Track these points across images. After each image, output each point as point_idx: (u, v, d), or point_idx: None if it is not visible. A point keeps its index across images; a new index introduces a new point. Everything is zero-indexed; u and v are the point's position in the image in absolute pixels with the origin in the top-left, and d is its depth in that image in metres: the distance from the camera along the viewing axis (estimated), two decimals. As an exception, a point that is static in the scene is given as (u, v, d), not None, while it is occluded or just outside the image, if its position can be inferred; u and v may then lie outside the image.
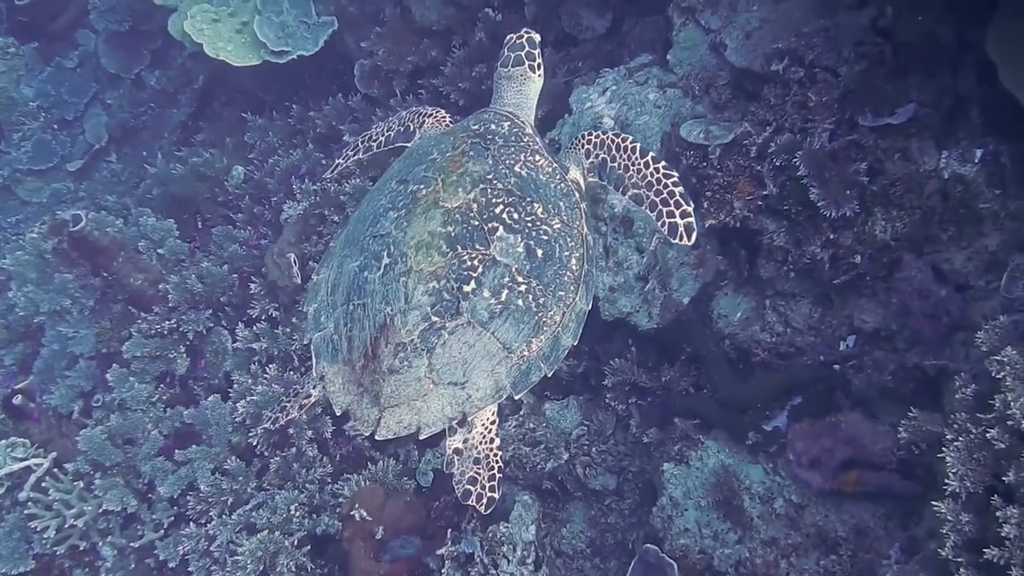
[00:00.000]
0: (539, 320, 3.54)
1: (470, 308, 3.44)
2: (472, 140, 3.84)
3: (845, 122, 5.07)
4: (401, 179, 3.83)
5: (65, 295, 7.28)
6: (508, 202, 3.62)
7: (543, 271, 3.57)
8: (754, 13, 5.55)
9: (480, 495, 3.60)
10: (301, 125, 8.10)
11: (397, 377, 3.44)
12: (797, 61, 5.23)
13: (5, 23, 11.04)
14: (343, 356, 3.61)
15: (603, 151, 3.98)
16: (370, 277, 3.57)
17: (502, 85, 4.29)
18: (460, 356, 3.45)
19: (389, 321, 3.44)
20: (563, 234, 3.68)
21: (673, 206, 3.76)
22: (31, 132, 10.32)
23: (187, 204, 8.00)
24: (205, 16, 7.97)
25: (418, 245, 3.51)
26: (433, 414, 3.47)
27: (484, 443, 3.65)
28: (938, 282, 4.92)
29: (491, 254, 3.50)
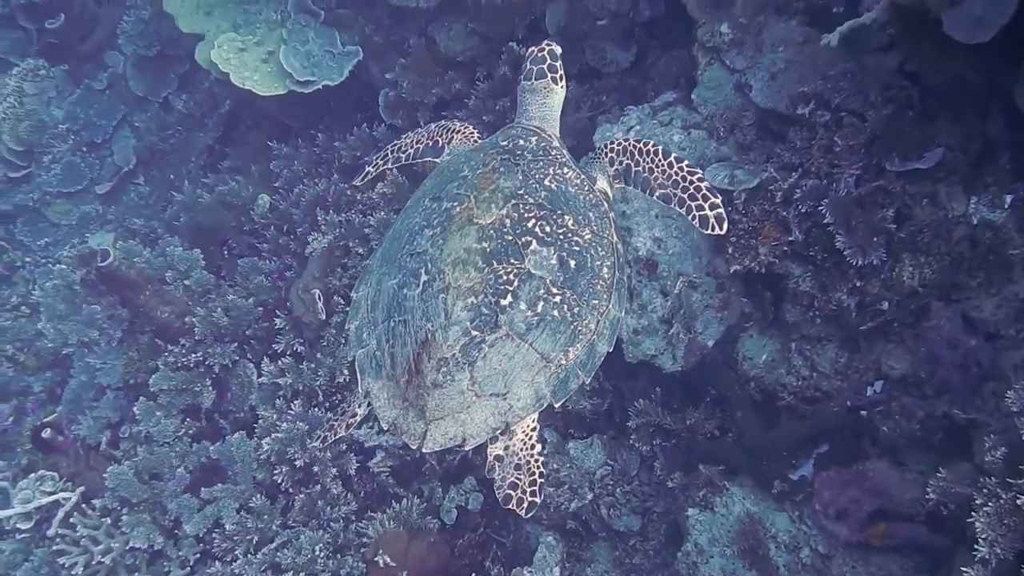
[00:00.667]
0: (575, 329, 3.62)
1: (508, 321, 3.51)
2: (502, 156, 3.92)
3: (872, 167, 5.03)
4: (434, 197, 3.91)
5: (93, 326, 7.34)
6: (540, 216, 3.69)
7: (576, 281, 3.65)
8: (780, 54, 5.50)
9: (521, 500, 3.64)
10: (326, 154, 8.10)
11: (441, 391, 3.51)
12: (823, 105, 5.18)
13: (36, 45, 11.14)
14: (387, 372, 3.67)
15: (626, 157, 4.10)
16: (409, 294, 3.64)
17: (526, 99, 4.35)
18: (500, 368, 3.52)
19: (431, 337, 3.51)
20: (594, 244, 3.75)
21: (701, 199, 3.88)
22: (61, 155, 10.40)
23: (213, 233, 8.03)
24: (232, 46, 8.00)
25: (455, 262, 3.58)
26: (477, 425, 3.55)
27: (525, 449, 3.71)
28: (967, 331, 4.87)
29: (526, 267, 3.57)
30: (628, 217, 5.56)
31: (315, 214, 7.49)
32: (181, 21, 8.57)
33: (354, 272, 6.91)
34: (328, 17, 8.01)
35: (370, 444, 6.36)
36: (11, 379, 8.44)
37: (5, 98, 10.52)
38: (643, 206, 5.56)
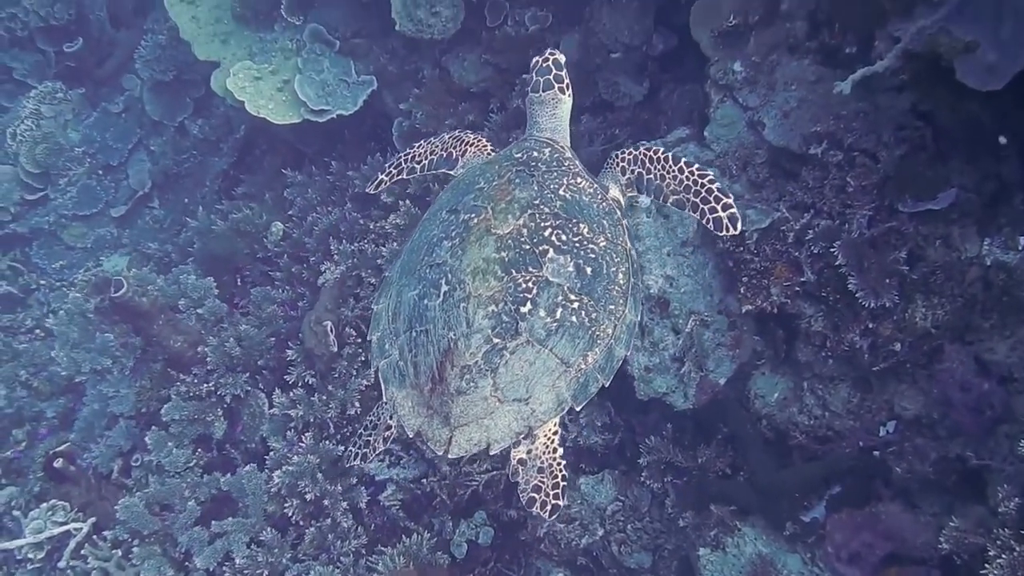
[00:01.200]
0: (593, 334, 3.69)
1: (528, 328, 3.58)
2: (517, 168, 4.01)
3: (885, 208, 5.01)
4: (451, 209, 3.99)
5: (106, 355, 7.38)
6: (556, 225, 3.77)
7: (593, 287, 3.72)
8: (792, 93, 5.49)
9: (544, 502, 3.74)
10: (340, 182, 8.13)
11: (465, 398, 3.57)
12: (836, 144, 5.17)
13: (53, 68, 11.23)
14: (410, 381, 3.75)
15: (637, 166, 4.21)
16: (430, 304, 3.71)
17: (535, 111, 4.45)
18: (522, 374, 3.59)
19: (453, 345, 3.58)
20: (609, 251, 3.83)
21: (713, 201, 3.96)
22: (77, 177, 10.48)
23: (227, 261, 8.06)
24: (247, 74, 8.04)
25: (475, 272, 3.66)
26: (501, 430, 3.61)
27: (547, 453, 3.81)
28: (980, 374, 4.84)
29: (544, 275, 3.65)
30: (640, 255, 5.55)
31: (328, 243, 7.50)
32: (197, 48, 8.63)
33: (366, 303, 6.92)
34: (343, 47, 8.04)
35: (381, 477, 6.37)
36: (24, 404, 8.49)
37: (23, 120, 10.62)
38: (655, 244, 5.56)
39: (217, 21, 8.71)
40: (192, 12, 8.81)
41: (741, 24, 5.66)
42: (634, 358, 5.58)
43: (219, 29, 8.66)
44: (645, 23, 6.69)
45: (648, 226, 5.59)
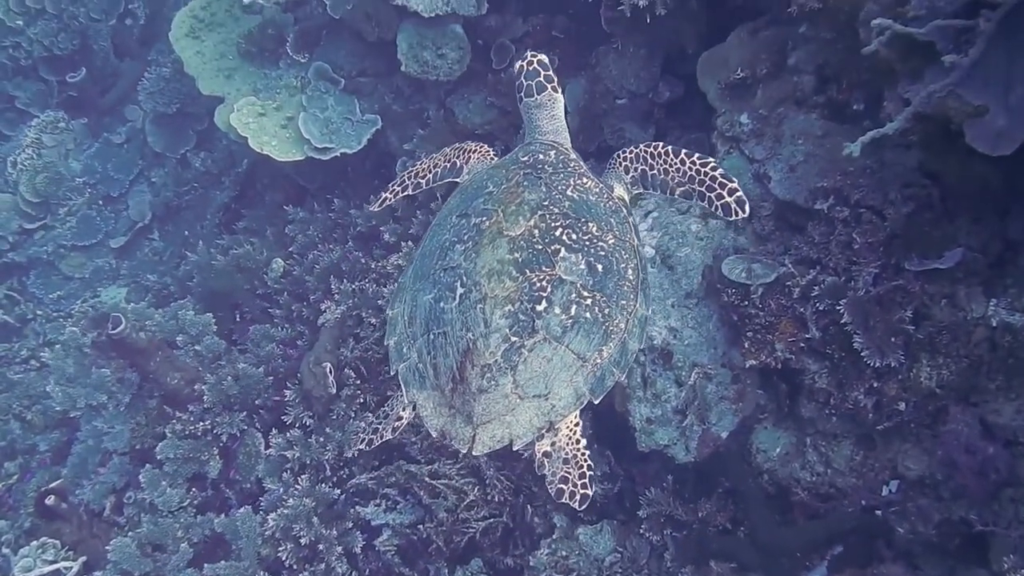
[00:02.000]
0: (607, 329, 3.80)
1: (544, 325, 3.69)
2: (524, 171, 4.14)
3: (891, 265, 4.98)
4: (461, 213, 4.11)
5: (102, 390, 7.32)
6: (565, 224, 3.90)
7: (605, 284, 3.84)
8: (799, 146, 5.49)
9: (573, 492, 3.77)
10: (342, 219, 8.10)
11: (486, 396, 3.68)
12: (842, 200, 5.15)
13: (56, 97, 11.25)
14: (431, 382, 3.85)
15: (640, 163, 4.34)
16: (447, 307, 3.82)
17: (534, 115, 4.55)
18: (541, 370, 3.70)
19: (472, 346, 3.69)
20: (618, 248, 3.96)
21: (719, 187, 4.10)
22: (77, 208, 10.46)
23: (226, 297, 8.02)
24: (252, 110, 8.04)
25: (489, 273, 3.78)
26: (522, 426, 3.72)
27: (571, 444, 3.85)
28: (985, 437, 4.79)
29: (557, 274, 3.77)
30: (643, 305, 5.52)
31: (329, 282, 7.46)
32: (202, 83, 8.64)
33: (366, 344, 6.88)
34: (348, 85, 8.05)
35: (377, 522, 6.29)
36: (17, 437, 8.41)
37: (24, 149, 10.63)
38: (659, 295, 5.53)
39: (222, 56, 8.73)
40: (197, 47, 8.84)
41: (749, 77, 5.68)
42: (636, 409, 5.54)
43: (224, 65, 8.67)
44: (652, 70, 6.70)
45: (652, 276, 5.56)
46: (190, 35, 8.98)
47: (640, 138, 6.83)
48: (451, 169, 4.79)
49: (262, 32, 8.49)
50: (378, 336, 6.91)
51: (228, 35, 8.87)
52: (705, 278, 5.51)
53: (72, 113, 11.07)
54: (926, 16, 4.19)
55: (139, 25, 11.45)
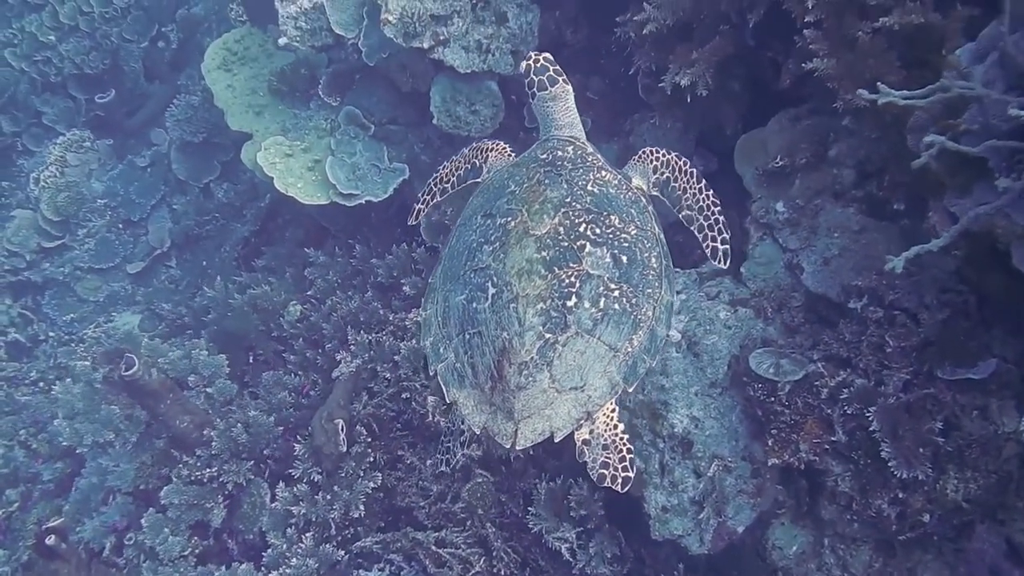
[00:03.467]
0: (635, 318, 3.93)
1: (576, 320, 3.82)
2: (545, 169, 4.25)
3: (923, 372, 4.87)
4: (486, 214, 4.20)
5: (109, 428, 7.22)
6: (588, 219, 4.02)
7: (630, 274, 3.98)
8: (835, 240, 5.39)
9: (615, 476, 3.96)
10: (362, 267, 8.01)
11: (525, 392, 3.79)
12: (876, 300, 5.06)
13: (83, 116, 11.24)
14: (470, 381, 3.96)
15: (668, 170, 4.62)
16: (479, 307, 3.93)
17: (549, 108, 4.63)
18: (575, 363, 3.82)
19: (508, 344, 3.80)
20: (640, 237, 4.10)
21: (716, 232, 4.52)
22: (96, 229, 10.43)
23: (241, 339, 7.93)
24: (279, 150, 7.97)
25: (519, 273, 3.89)
26: (562, 418, 3.85)
27: (609, 430, 4.02)
28: (1011, 558, 4.67)
29: (584, 269, 3.89)
30: (666, 391, 5.42)
31: (345, 331, 7.37)
32: (231, 118, 8.59)
33: (380, 401, 6.79)
34: (378, 131, 8.00)
35: (376, 587, 6.19)
36: (21, 464, 8.33)
37: (47, 167, 10.63)
38: (682, 381, 5.42)
39: (253, 92, 8.69)
40: (229, 80, 8.81)
41: (787, 165, 5.57)
42: (652, 496, 5.43)
43: (254, 101, 8.63)
44: (687, 143, 6.61)
45: (677, 362, 5.46)
46: (222, 67, 8.96)
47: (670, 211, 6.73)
48: (472, 170, 4.93)
49: (294, 71, 8.45)
50: (392, 392, 6.83)
51: (260, 71, 8.83)
52: (731, 368, 5.40)
53: (98, 133, 11.07)
54: (979, 131, 4.10)
55: (171, 49, 11.49)
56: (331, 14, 7.45)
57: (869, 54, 4.87)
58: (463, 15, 7.03)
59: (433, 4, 6.94)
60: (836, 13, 4.99)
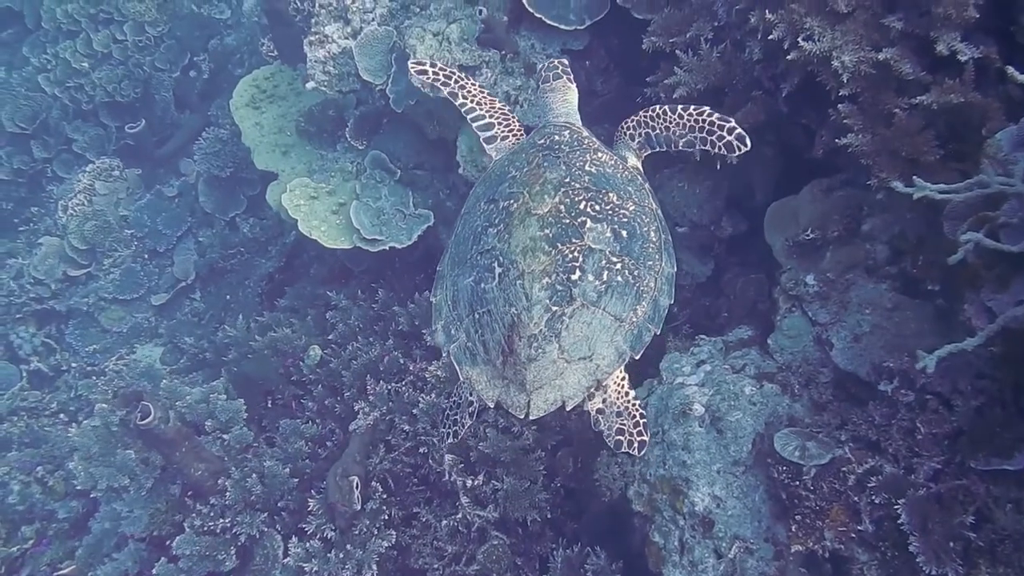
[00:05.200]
0: (638, 290, 4.12)
1: (581, 293, 3.98)
2: (543, 153, 4.46)
3: (955, 462, 4.69)
4: (489, 199, 4.39)
5: (124, 472, 7.14)
6: (588, 197, 4.21)
7: (631, 247, 4.15)
8: (866, 316, 5.22)
9: (631, 441, 4.18)
10: (384, 313, 7.91)
11: (536, 364, 3.95)
12: (908, 383, 4.88)
13: (113, 144, 11.26)
14: (482, 358, 4.12)
15: (642, 127, 4.79)
16: (487, 287, 4.10)
17: (549, 99, 5.02)
18: (583, 334, 3.98)
19: (517, 319, 3.96)
20: (638, 213, 4.29)
21: (718, 129, 4.60)
22: (121, 259, 10.42)
23: (260, 383, 7.85)
24: (304, 192, 7.90)
25: (524, 251, 4.06)
26: (572, 388, 4.01)
27: (621, 398, 4.25)
28: (1043, 660, 4.47)
29: (586, 244, 4.06)
30: (688, 467, 5.26)
31: (365, 380, 7.28)
32: (257, 157, 8.58)
33: (397, 455, 6.70)
34: (403, 176, 7.92)
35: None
36: (37, 501, 8.29)
37: (76, 194, 10.65)
38: (705, 458, 5.27)
39: (280, 131, 8.67)
40: (256, 118, 8.80)
41: (819, 238, 5.42)
42: (671, 574, 5.27)
43: (281, 140, 8.60)
44: (716, 203, 6.47)
45: (699, 438, 5.31)
46: (251, 105, 8.95)
47: (698, 272, 6.61)
48: (486, 127, 5.16)
49: (322, 112, 8.40)
50: (410, 446, 6.73)
51: (288, 109, 8.81)
52: (755, 446, 5.24)
53: (127, 161, 11.09)
54: (1017, 225, 3.95)
55: (202, 79, 11.52)
56: (359, 60, 7.38)
57: (905, 132, 4.73)
58: (492, 66, 6.95)
59: (462, 55, 6.86)
60: (872, 87, 4.86)
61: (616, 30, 7.05)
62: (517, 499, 6.18)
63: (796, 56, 4.94)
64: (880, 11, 4.85)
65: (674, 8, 6.21)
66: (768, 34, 5.09)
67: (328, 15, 7.69)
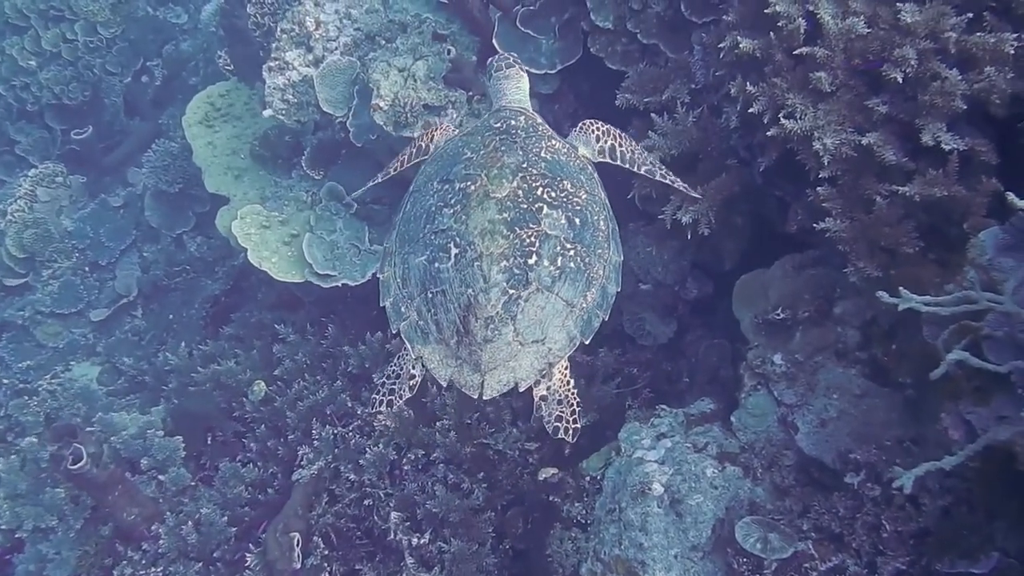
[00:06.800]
0: (588, 276, 4.23)
1: (536, 277, 4.09)
2: (500, 137, 4.53)
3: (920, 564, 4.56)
4: (442, 179, 4.44)
5: (53, 512, 6.80)
6: (544, 184, 4.31)
7: (583, 235, 4.26)
8: (833, 401, 5.08)
9: (567, 428, 4.27)
10: (333, 349, 7.62)
11: (492, 345, 4.05)
12: (874, 477, 4.75)
13: (58, 148, 10.83)
14: (434, 336, 4.21)
15: (611, 139, 4.94)
16: (442, 267, 4.16)
17: (502, 86, 5.09)
18: (536, 318, 4.10)
19: (474, 300, 4.06)
20: (590, 202, 4.42)
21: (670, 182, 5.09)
22: (61, 272, 9.97)
23: (201, 419, 7.52)
24: (255, 220, 7.58)
25: (482, 233, 4.12)
26: (525, 370, 4.13)
27: (564, 386, 4.30)
28: None
29: (543, 229, 4.16)
30: (644, 550, 5.07)
31: (310, 422, 6.99)
32: (208, 179, 8.30)
33: (340, 508, 6.42)
34: (360, 210, 7.63)
35: None
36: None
37: (15, 200, 10.18)
38: (662, 542, 5.08)
39: (233, 153, 8.37)
40: (210, 138, 8.50)
41: (789, 318, 5.26)
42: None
43: (234, 162, 8.30)
44: (681, 264, 6.32)
45: (658, 520, 5.11)
46: (204, 123, 8.64)
47: (659, 333, 6.44)
48: (420, 151, 5.19)
49: (278, 137, 8.09)
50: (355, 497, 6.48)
51: (243, 131, 8.51)
52: (715, 532, 5.07)
53: (72, 167, 10.64)
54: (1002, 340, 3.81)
55: (154, 85, 11.14)
56: (320, 90, 7.10)
57: (885, 221, 4.60)
58: (458, 107, 6.72)
59: (428, 93, 6.62)
60: (853, 171, 4.73)
61: (587, 76, 6.87)
62: (464, 562, 5.94)
63: (776, 133, 4.78)
64: (864, 92, 4.72)
65: (649, 63, 6.04)
66: (748, 106, 4.94)
67: (290, 41, 7.40)
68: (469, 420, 6.42)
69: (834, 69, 4.70)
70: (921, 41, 4.47)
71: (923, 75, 4.46)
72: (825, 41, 4.70)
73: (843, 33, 4.64)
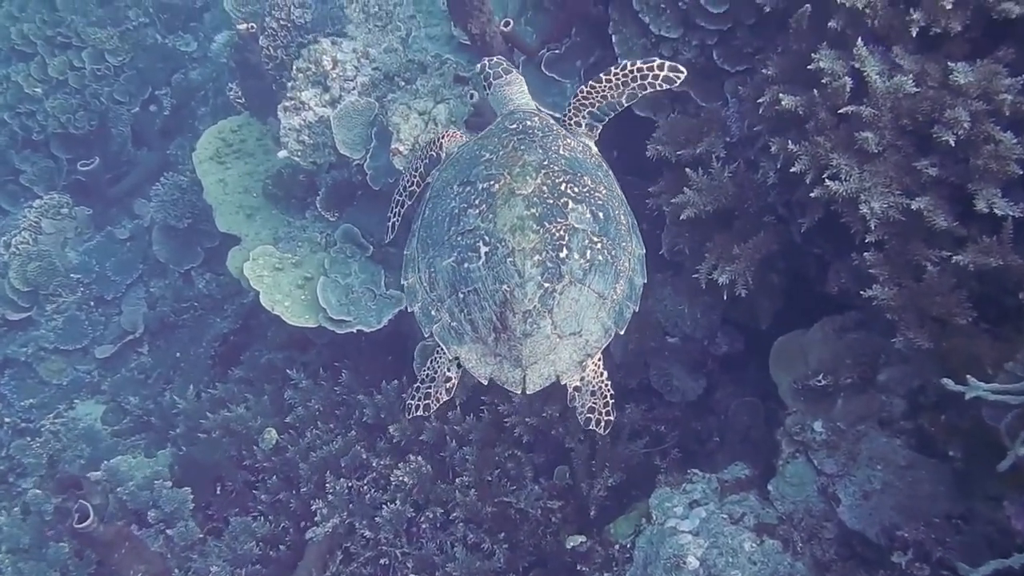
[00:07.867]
0: (616, 269, 4.23)
1: (569, 270, 4.07)
2: (518, 137, 4.50)
3: (972, 649, 4.32)
4: (463, 182, 4.39)
5: (56, 568, 6.57)
6: (567, 179, 4.29)
7: (607, 228, 4.26)
8: (877, 472, 4.85)
9: (599, 420, 4.27)
10: (347, 397, 7.40)
11: (532, 339, 4.06)
12: (922, 556, 4.50)
13: (64, 178, 10.64)
14: (470, 336, 4.19)
15: (581, 109, 4.79)
16: (472, 267, 4.12)
17: (507, 92, 4.99)
18: (572, 310, 4.09)
19: (510, 295, 4.04)
20: (610, 196, 4.41)
21: (649, 73, 4.66)
22: (65, 306, 9.76)
23: (210, 469, 7.30)
24: (268, 261, 7.37)
25: (512, 229, 4.11)
26: (565, 362, 4.15)
27: (597, 377, 4.29)
28: None
29: (571, 223, 4.15)
30: (678, 627, 4.86)
31: (324, 474, 6.77)
32: (219, 218, 8.08)
33: (356, 568, 6.22)
34: (376, 253, 7.44)
35: None
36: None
37: (20, 231, 10.00)
38: None
39: (246, 191, 8.16)
40: (221, 174, 8.31)
41: (831, 384, 5.04)
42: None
43: (246, 201, 8.10)
44: (712, 318, 6.10)
45: (693, 597, 4.89)
46: (215, 159, 8.43)
47: (688, 389, 6.21)
48: (432, 162, 5.06)
49: (292, 176, 7.90)
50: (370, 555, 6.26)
51: (256, 168, 8.30)
52: None
53: (78, 198, 10.45)
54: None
55: (163, 115, 10.93)
56: (337, 132, 6.90)
57: (936, 290, 4.37)
58: (480, 152, 6.49)
59: (448, 138, 6.39)
60: (900, 235, 4.52)
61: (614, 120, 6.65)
62: (486, 628, 5.73)
63: (820, 194, 4.58)
64: (912, 153, 4.51)
65: (681, 113, 5.82)
66: (789, 164, 4.73)
67: (306, 80, 7.20)
68: (490, 477, 6.21)
69: (881, 129, 4.49)
70: (973, 102, 4.26)
71: (976, 137, 4.25)
72: (872, 100, 4.51)
73: (891, 92, 4.45)
